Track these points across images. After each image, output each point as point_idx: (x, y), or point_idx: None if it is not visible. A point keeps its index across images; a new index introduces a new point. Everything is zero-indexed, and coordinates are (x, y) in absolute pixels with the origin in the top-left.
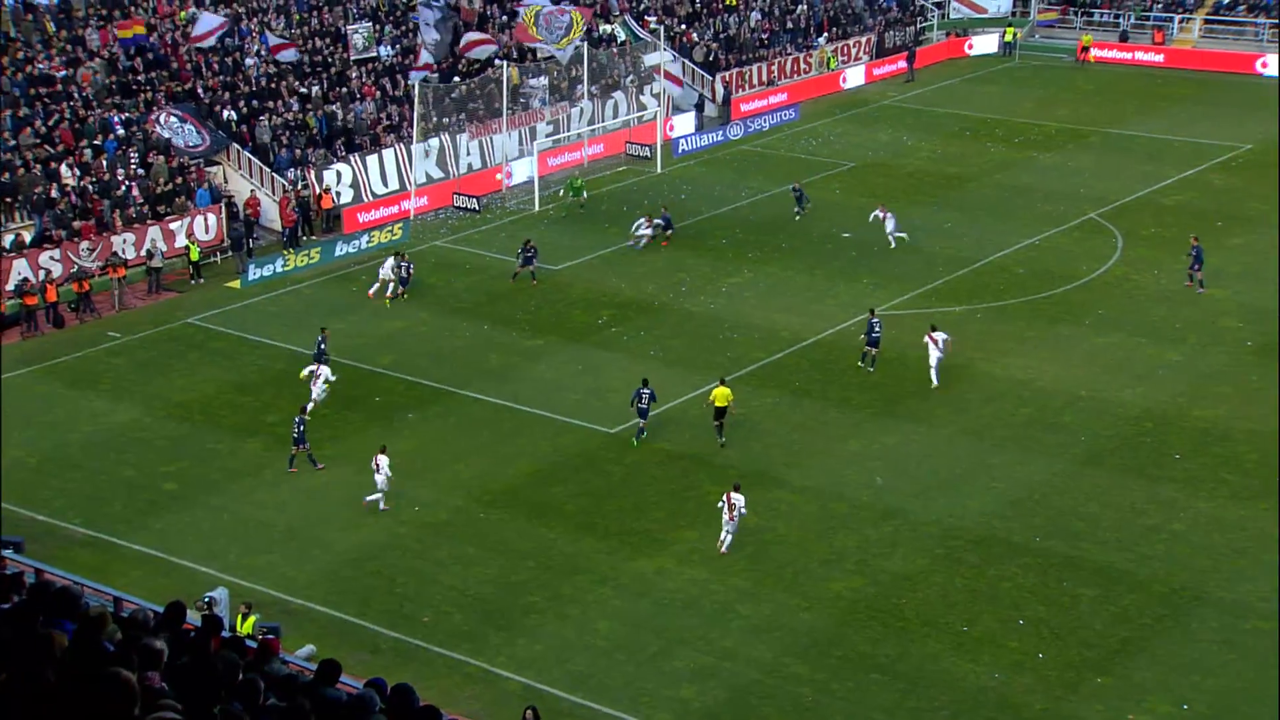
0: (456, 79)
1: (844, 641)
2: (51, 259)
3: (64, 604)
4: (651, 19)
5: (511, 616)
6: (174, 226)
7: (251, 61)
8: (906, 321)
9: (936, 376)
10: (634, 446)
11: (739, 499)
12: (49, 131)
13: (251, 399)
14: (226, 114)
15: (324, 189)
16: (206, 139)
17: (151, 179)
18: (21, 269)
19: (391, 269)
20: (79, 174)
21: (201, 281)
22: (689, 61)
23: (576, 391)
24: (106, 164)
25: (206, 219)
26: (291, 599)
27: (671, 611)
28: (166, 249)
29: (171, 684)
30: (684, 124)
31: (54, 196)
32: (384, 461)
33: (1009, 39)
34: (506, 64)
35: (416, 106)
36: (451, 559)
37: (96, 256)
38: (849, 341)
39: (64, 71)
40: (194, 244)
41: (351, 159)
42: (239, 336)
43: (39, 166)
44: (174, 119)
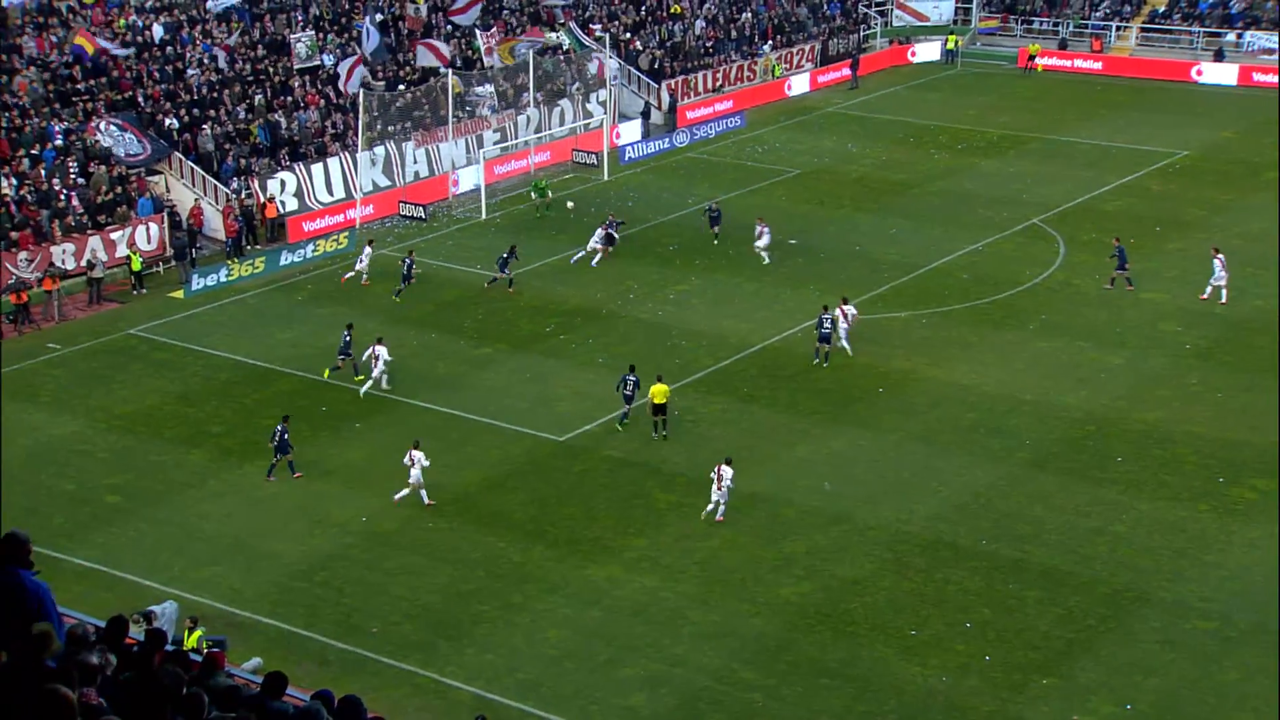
0: (401, 87)
1: (793, 646)
2: None
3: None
4: (596, 27)
5: (461, 626)
6: (115, 236)
7: (192, 72)
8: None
9: (849, 345)
10: (619, 430)
11: (728, 471)
12: None
13: (195, 410)
14: (168, 123)
15: (268, 198)
16: (147, 148)
17: (92, 188)
18: None
19: (369, 259)
20: (16, 183)
21: (144, 292)
22: (634, 69)
23: (525, 400)
24: (45, 173)
25: (149, 228)
26: (238, 611)
27: (621, 619)
28: (108, 259)
29: (114, 700)
30: (630, 131)
31: None
32: (419, 456)
33: (951, 46)
34: (451, 73)
35: (361, 115)
36: (400, 569)
37: (35, 267)
38: (796, 348)
39: None
40: (136, 254)
41: (296, 168)
42: (182, 347)
43: None
44: (114, 127)
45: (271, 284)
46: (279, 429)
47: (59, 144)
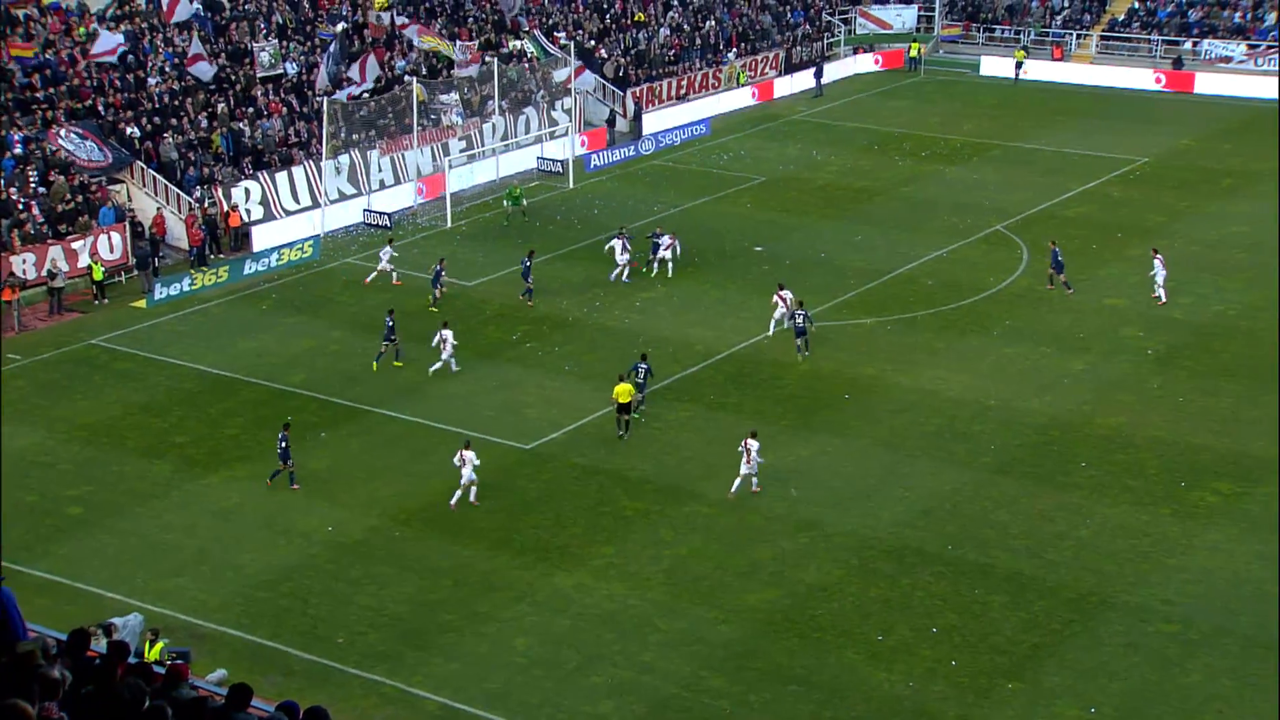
0: (366, 95)
1: (761, 653)
2: None
3: None
4: (561, 35)
5: (428, 635)
6: (76, 246)
7: (154, 80)
8: (818, 334)
9: (774, 328)
10: (638, 418)
11: (754, 444)
12: None
13: (159, 420)
14: (129, 131)
15: (231, 206)
16: (108, 156)
17: (52, 197)
18: None
19: (389, 258)
20: None
21: (105, 302)
22: (599, 77)
23: (491, 408)
24: (4, 182)
25: (110, 238)
26: (202, 623)
27: (589, 627)
28: (69, 269)
29: (76, 713)
30: (595, 139)
31: None
32: (470, 455)
33: (914, 54)
34: (415, 80)
35: (325, 124)
36: (366, 579)
37: None
38: (763, 355)
39: None
40: (97, 263)
41: (260, 176)
42: (145, 357)
43: None
44: (74, 136)
45: (235, 293)
46: (281, 436)
47: (18, 153)
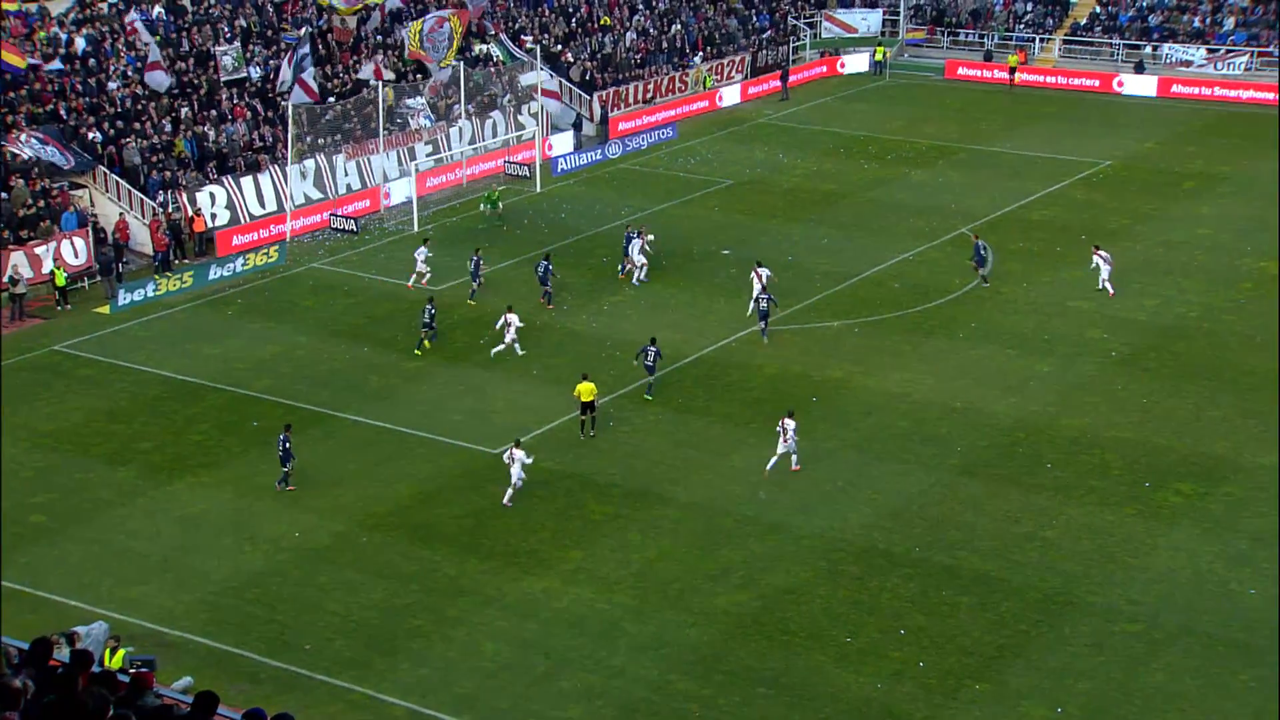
0: (331, 99)
1: (730, 656)
2: None
3: None
4: (527, 38)
5: (396, 641)
6: (39, 251)
7: (115, 85)
8: (785, 337)
9: (752, 307)
10: (647, 400)
11: (791, 424)
12: None
13: (123, 427)
14: (92, 136)
15: (195, 211)
16: (70, 160)
17: (13, 202)
18: None
19: (425, 259)
20: None
21: (68, 308)
22: (566, 80)
23: (458, 412)
24: None
25: (73, 243)
26: (168, 630)
27: (558, 631)
28: (31, 274)
29: None
30: (562, 143)
31: None
32: (520, 455)
33: (879, 58)
34: (381, 85)
35: (291, 128)
36: (334, 584)
37: None
38: (731, 358)
39: None
40: (60, 269)
41: (225, 181)
42: (109, 363)
43: None
44: (35, 140)
45: (200, 298)
46: (282, 438)
47: None
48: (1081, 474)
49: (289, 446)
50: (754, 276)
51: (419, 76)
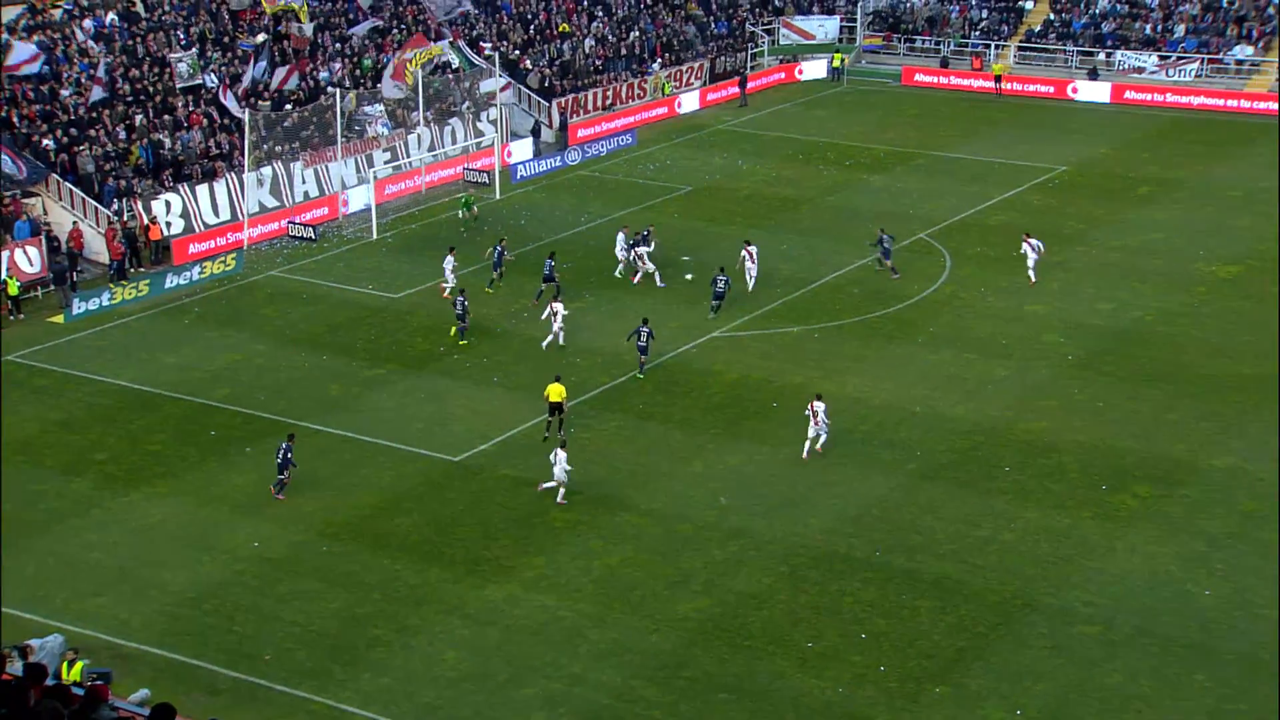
0: (289, 106)
1: (692, 662)
2: None
3: None
4: (486, 45)
5: (356, 650)
6: None
7: (68, 92)
8: (745, 343)
9: (753, 282)
10: (638, 379)
11: (821, 405)
12: None
13: (78, 437)
14: (45, 143)
15: (151, 219)
16: (23, 169)
17: None
18: None
19: (452, 268)
20: None
21: (22, 317)
22: (524, 87)
23: (419, 420)
24: None
25: (27, 252)
26: (125, 642)
27: (520, 639)
28: None
29: None
30: (521, 150)
31: None
32: (562, 456)
33: (837, 64)
34: (340, 91)
35: (248, 134)
36: (293, 594)
37: None
38: (691, 364)
39: None
40: (12, 278)
41: (181, 189)
42: (63, 373)
43: None
44: None
45: (156, 307)
46: (284, 446)
47: None
48: (1039, 477)
49: (290, 455)
50: (745, 255)
51: (376, 84)
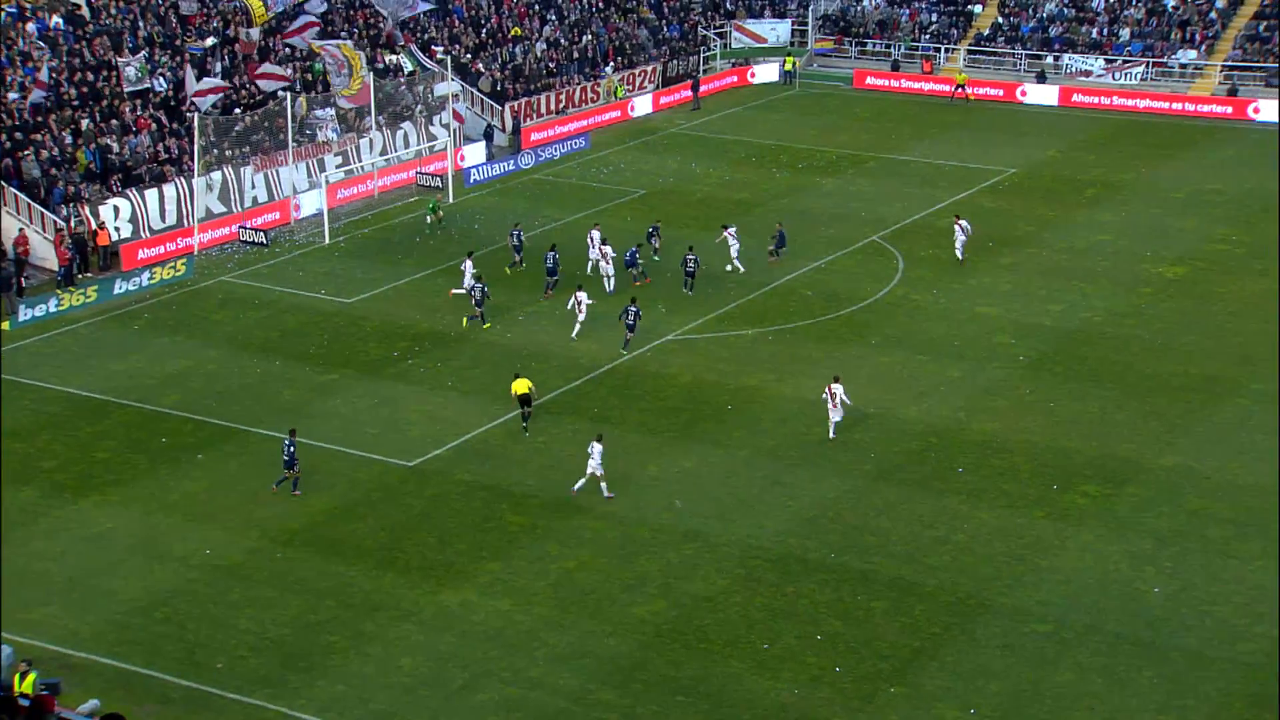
0: (239, 110)
1: (649, 665)
2: None
3: None
4: (438, 49)
5: (311, 658)
6: None
7: (13, 96)
8: (700, 346)
9: (740, 264)
10: (622, 354)
11: (839, 388)
12: None
13: (25, 445)
14: None
15: (99, 225)
16: None
17: None
18: None
19: (472, 274)
20: None
21: None
22: (476, 91)
23: (374, 425)
24: None
25: None
26: (74, 652)
27: (476, 644)
28: None
29: None
30: (474, 154)
31: None
32: (598, 449)
33: (789, 68)
34: (291, 95)
35: (197, 139)
36: (246, 601)
37: None
38: (646, 367)
39: None
40: None
41: (130, 193)
42: (9, 380)
43: None
44: None
45: (105, 313)
46: (287, 442)
47: None
48: (992, 477)
49: (294, 451)
50: (727, 235)
51: (327, 89)
